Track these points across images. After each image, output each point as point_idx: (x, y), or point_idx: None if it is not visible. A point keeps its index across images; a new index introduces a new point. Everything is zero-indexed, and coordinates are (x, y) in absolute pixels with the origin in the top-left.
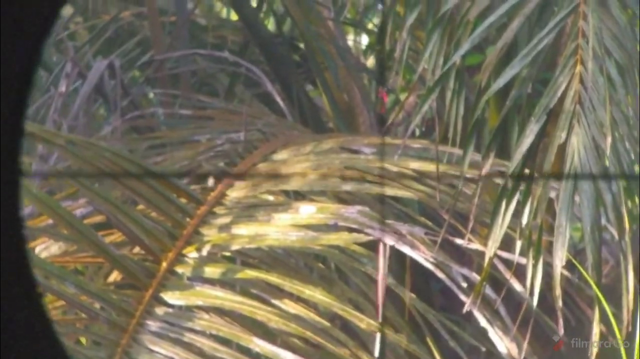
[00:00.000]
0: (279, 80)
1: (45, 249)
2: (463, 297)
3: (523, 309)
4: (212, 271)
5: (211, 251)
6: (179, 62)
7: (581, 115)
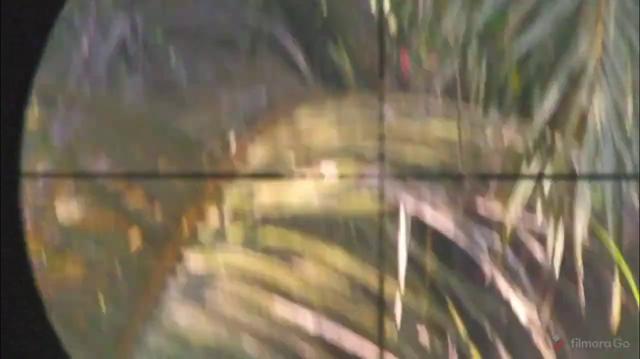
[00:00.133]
0: (301, 41)
1: (66, 210)
2: (484, 265)
3: (545, 278)
4: (234, 232)
5: (234, 210)
6: (202, 20)
7: (602, 78)
